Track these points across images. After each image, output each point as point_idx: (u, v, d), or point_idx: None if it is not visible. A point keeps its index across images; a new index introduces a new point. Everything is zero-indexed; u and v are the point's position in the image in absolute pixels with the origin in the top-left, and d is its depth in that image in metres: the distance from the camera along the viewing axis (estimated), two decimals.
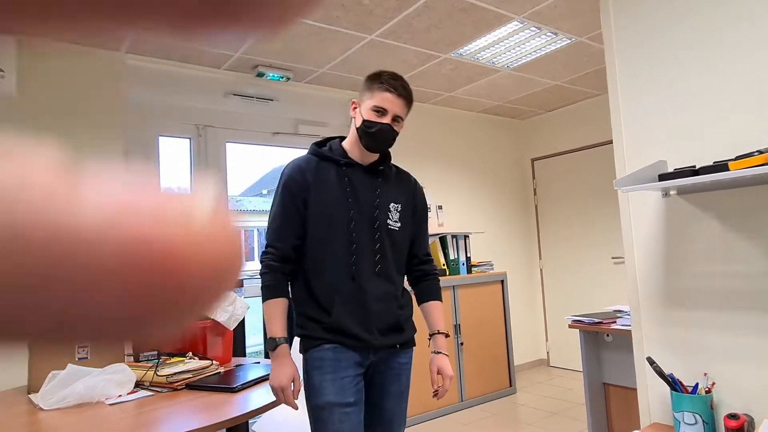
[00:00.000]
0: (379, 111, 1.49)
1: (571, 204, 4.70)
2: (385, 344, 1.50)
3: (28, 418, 1.44)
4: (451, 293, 3.73)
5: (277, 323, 1.46)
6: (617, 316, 2.42)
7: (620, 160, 1.83)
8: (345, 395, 1.43)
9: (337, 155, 1.54)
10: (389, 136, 1.51)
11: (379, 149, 1.54)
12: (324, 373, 1.44)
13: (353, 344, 1.47)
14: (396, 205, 1.57)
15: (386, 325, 1.51)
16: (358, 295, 1.47)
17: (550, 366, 4.85)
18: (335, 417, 1.42)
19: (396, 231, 1.56)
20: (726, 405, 1.56)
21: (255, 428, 2.18)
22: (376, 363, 1.53)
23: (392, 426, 1.56)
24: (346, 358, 1.46)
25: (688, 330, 1.65)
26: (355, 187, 1.52)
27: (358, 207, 1.50)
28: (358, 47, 3.10)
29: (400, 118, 1.52)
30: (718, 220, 1.59)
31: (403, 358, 1.58)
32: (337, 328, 1.45)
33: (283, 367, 1.43)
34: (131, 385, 1.65)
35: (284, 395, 1.41)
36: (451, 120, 4.59)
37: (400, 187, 1.61)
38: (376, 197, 1.54)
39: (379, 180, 1.57)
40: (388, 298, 1.52)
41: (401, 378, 1.57)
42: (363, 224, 1.50)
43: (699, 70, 1.63)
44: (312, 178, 1.50)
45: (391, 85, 1.49)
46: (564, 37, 3.13)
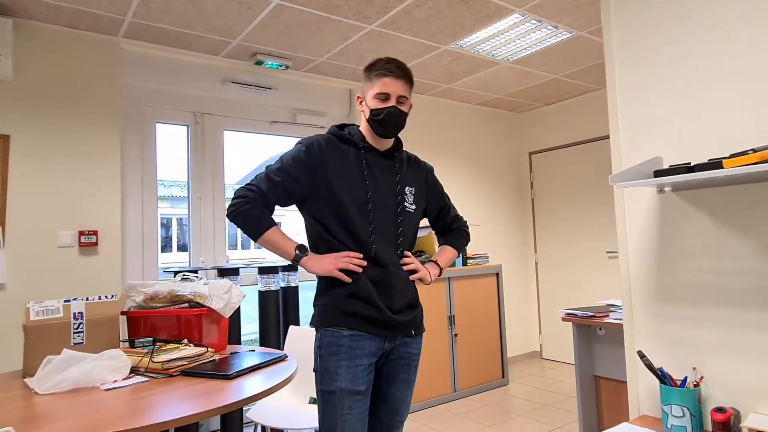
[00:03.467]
0: (383, 96, 1.52)
1: (567, 198, 4.72)
2: (404, 321, 1.54)
3: (23, 402, 1.45)
4: (446, 285, 3.75)
5: (288, 242, 1.52)
6: (610, 310, 2.45)
7: (617, 155, 1.84)
8: (357, 383, 1.46)
9: (357, 139, 1.58)
10: (398, 117, 1.54)
11: (392, 132, 1.57)
12: (340, 359, 1.46)
13: (377, 318, 1.48)
14: (411, 188, 1.63)
15: (405, 304, 1.56)
16: (381, 274, 1.51)
17: (543, 358, 4.90)
18: (345, 403, 1.44)
19: (412, 213, 1.62)
20: (713, 399, 1.58)
21: (249, 415, 2.20)
22: (389, 351, 1.56)
23: (398, 413, 1.58)
24: (362, 347, 1.48)
25: (678, 325, 1.67)
26: (372, 170, 1.56)
27: (376, 189, 1.54)
28: (357, 37, 3.08)
29: (404, 98, 1.55)
30: (710, 217, 1.60)
31: (414, 348, 1.60)
32: (362, 296, 1.49)
33: (319, 257, 1.50)
34: (126, 371, 1.66)
35: (344, 261, 1.47)
36: (449, 112, 4.58)
37: (413, 172, 1.67)
38: (396, 182, 1.59)
39: (396, 165, 1.62)
40: (408, 278, 1.58)
41: (410, 367, 1.59)
42: (382, 206, 1.54)
43: (697, 68, 1.63)
44: (330, 156, 1.53)
45: (387, 69, 1.52)
46: (564, 30, 3.13)
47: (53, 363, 1.59)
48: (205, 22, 2.80)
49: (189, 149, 3.32)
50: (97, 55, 2.88)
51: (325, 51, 3.28)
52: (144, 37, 2.96)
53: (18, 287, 2.58)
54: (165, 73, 3.17)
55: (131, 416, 1.27)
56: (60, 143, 2.75)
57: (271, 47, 3.19)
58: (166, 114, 3.22)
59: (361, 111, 1.60)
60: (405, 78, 1.55)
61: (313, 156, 1.51)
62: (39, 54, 2.72)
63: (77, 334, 1.83)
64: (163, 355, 1.75)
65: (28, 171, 2.65)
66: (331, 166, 1.51)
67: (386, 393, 1.57)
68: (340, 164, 1.52)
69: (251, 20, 2.81)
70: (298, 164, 1.51)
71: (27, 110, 2.67)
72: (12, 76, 2.61)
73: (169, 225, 14.30)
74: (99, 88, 2.88)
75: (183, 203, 8.84)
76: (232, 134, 3.51)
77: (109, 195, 2.87)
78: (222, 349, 2.11)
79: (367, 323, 1.49)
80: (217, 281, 2.18)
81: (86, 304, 1.88)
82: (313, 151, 1.51)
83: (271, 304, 3.19)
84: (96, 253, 2.81)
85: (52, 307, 1.82)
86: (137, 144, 3.09)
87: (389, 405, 1.57)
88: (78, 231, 2.76)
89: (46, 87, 2.73)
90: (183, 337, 2.00)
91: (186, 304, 2.05)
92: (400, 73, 1.53)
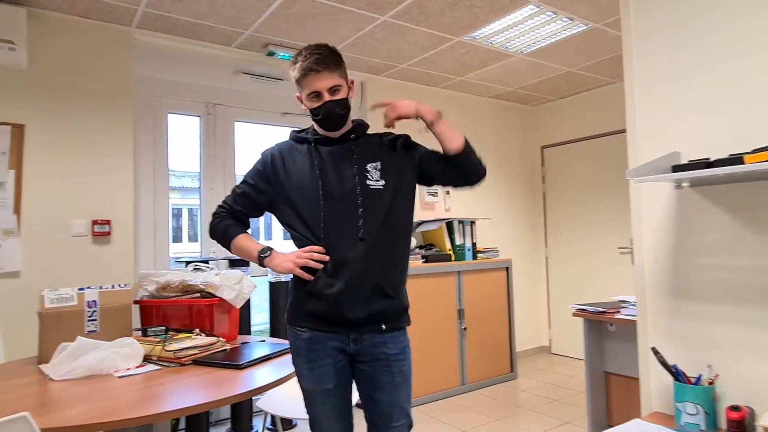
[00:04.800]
0: (314, 95, 1.47)
1: (579, 193, 4.67)
2: (361, 318, 1.43)
3: (38, 388, 1.47)
4: (456, 278, 3.74)
5: (253, 246, 1.55)
6: (621, 306, 2.43)
7: (633, 150, 1.81)
8: (323, 383, 1.46)
9: (310, 134, 1.58)
10: (336, 109, 1.47)
11: (338, 125, 1.51)
12: (302, 361, 1.48)
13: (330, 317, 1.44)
14: (374, 164, 1.51)
15: (367, 295, 1.44)
16: (338, 265, 1.44)
17: (552, 353, 4.88)
18: (317, 399, 1.47)
19: (380, 190, 1.49)
20: (728, 397, 1.56)
21: (259, 404, 2.22)
22: (359, 353, 1.47)
23: (392, 418, 1.47)
24: (322, 348, 1.45)
25: (693, 322, 1.65)
26: (325, 159, 1.51)
27: (327, 178, 1.49)
28: (370, 28, 3.06)
29: (336, 87, 1.46)
30: (729, 214, 1.57)
31: (391, 348, 1.46)
32: (316, 292, 1.44)
33: (282, 256, 1.51)
34: (139, 359, 1.68)
35: (303, 257, 1.45)
36: (461, 105, 4.55)
37: (376, 147, 1.56)
38: (354, 163, 1.50)
39: (352, 148, 1.53)
40: (371, 259, 1.44)
41: (391, 369, 1.46)
42: (336, 194, 1.47)
43: (718, 61, 1.60)
44: (283, 161, 1.55)
45: (305, 67, 1.43)
46: (580, 22, 3.08)
47: (67, 350, 1.61)
48: (218, 12, 2.79)
49: (201, 140, 3.33)
50: (111, 45, 2.89)
51: (338, 42, 3.26)
52: (157, 27, 2.96)
53: (33, 275, 2.61)
54: (177, 63, 3.18)
55: (144, 403, 1.29)
56: (73, 133, 2.77)
57: (283, 38, 3.18)
58: (178, 104, 3.23)
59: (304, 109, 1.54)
60: (326, 67, 1.44)
61: (267, 166, 1.56)
62: (53, 44, 2.73)
63: (91, 322, 1.85)
64: (175, 344, 1.76)
65: (43, 160, 2.68)
66: (284, 171, 1.54)
67: (373, 398, 1.48)
68: (292, 166, 1.53)
69: (263, 11, 2.79)
70: (258, 175, 1.57)
71: (41, 100, 2.69)
72: (27, 66, 2.63)
73: (180, 215, 14.41)
74: (112, 78, 2.89)
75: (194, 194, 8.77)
76: (243, 125, 3.52)
77: (121, 184, 2.89)
78: (233, 339, 2.12)
79: (324, 322, 1.45)
80: (228, 272, 2.19)
81: (100, 293, 1.90)
82: (267, 162, 1.56)
83: (281, 295, 3.20)
84: (109, 242, 2.83)
85: (67, 295, 1.84)
86: (149, 134, 3.11)
87: (380, 410, 1.47)
88: (91, 220, 2.78)
89: (60, 77, 2.75)
90: (195, 326, 2.02)
91: (198, 294, 2.07)
92: (319, 65, 1.43)
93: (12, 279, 2.55)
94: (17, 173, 2.60)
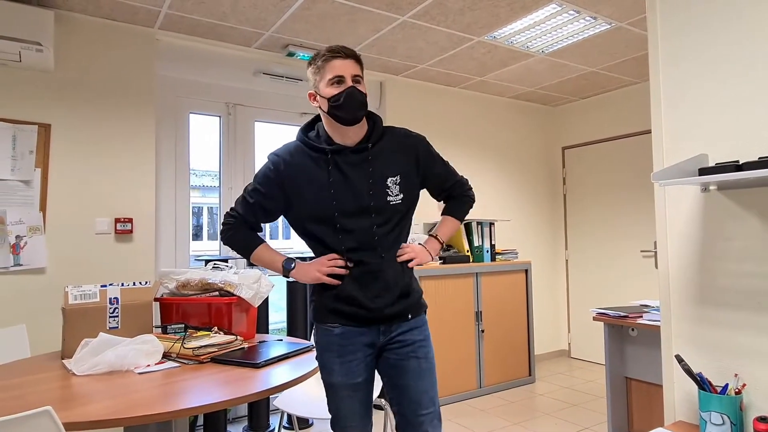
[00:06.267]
0: (337, 80, 1.45)
1: (601, 195, 4.59)
2: (393, 312, 1.50)
3: (61, 383, 1.50)
4: (474, 280, 3.71)
5: (276, 257, 1.56)
6: (644, 311, 2.38)
7: (659, 152, 1.77)
8: (352, 377, 1.49)
9: (324, 141, 1.51)
10: (358, 97, 1.44)
11: (358, 114, 1.47)
12: (333, 356, 1.50)
13: (364, 315, 1.48)
14: (394, 178, 1.52)
15: (394, 297, 1.51)
16: (364, 273, 1.49)
17: (571, 357, 4.81)
18: (344, 393, 1.49)
19: (399, 203, 1.52)
20: (756, 407, 1.51)
21: (276, 403, 2.23)
22: (388, 342, 1.52)
23: (421, 404, 1.50)
24: (353, 342, 1.49)
25: (719, 329, 1.60)
26: (344, 173, 1.49)
27: (350, 193, 1.48)
28: (389, 28, 3.05)
29: (358, 77, 1.47)
30: (759, 219, 1.52)
31: (417, 334, 1.54)
32: (344, 297, 1.49)
33: (306, 266, 1.52)
34: (159, 356, 1.70)
35: (328, 266, 1.49)
36: (481, 105, 4.51)
37: (396, 156, 1.54)
38: (369, 180, 1.49)
39: (369, 159, 1.50)
40: (388, 266, 1.51)
41: (418, 354, 1.52)
42: (358, 209, 1.48)
43: (748, 61, 1.55)
44: (296, 171, 1.50)
45: (333, 52, 1.45)
46: (603, 21, 3.02)
47: (90, 346, 1.64)
48: (239, 13, 2.82)
49: (221, 139, 3.36)
50: (134, 46, 2.94)
51: (357, 43, 3.26)
52: (179, 28, 3.00)
53: (57, 272, 2.67)
54: (199, 64, 3.22)
55: (163, 400, 1.30)
56: (98, 132, 2.82)
57: (303, 39, 3.19)
58: (200, 105, 3.27)
59: (317, 107, 1.51)
60: (353, 57, 1.47)
61: (281, 173, 1.50)
62: (79, 45, 2.79)
63: (113, 319, 1.88)
64: (194, 341, 1.78)
65: (68, 159, 2.73)
66: (300, 180, 1.49)
67: (401, 384, 1.52)
68: (308, 176, 1.49)
69: (284, 11, 2.81)
70: (269, 182, 1.52)
71: (67, 100, 2.75)
72: (53, 67, 2.69)
73: (200, 214, 14.61)
74: (135, 79, 2.94)
75: (213, 192, 8.88)
76: (263, 125, 3.54)
77: (143, 184, 2.93)
78: (250, 338, 2.13)
79: (354, 320, 1.50)
80: (246, 271, 2.20)
81: (121, 290, 1.93)
82: (279, 168, 1.50)
83: (298, 295, 3.22)
84: (131, 240, 2.88)
85: (90, 291, 1.87)
86: (171, 134, 3.15)
87: (408, 397, 1.50)
88: (114, 218, 2.83)
89: (85, 77, 2.80)
90: (213, 324, 2.04)
91: (216, 293, 2.09)
92: (348, 52, 1.46)
93: (38, 275, 2.62)
94: (43, 172, 2.66)
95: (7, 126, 2.58)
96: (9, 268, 2.53)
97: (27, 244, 2.58)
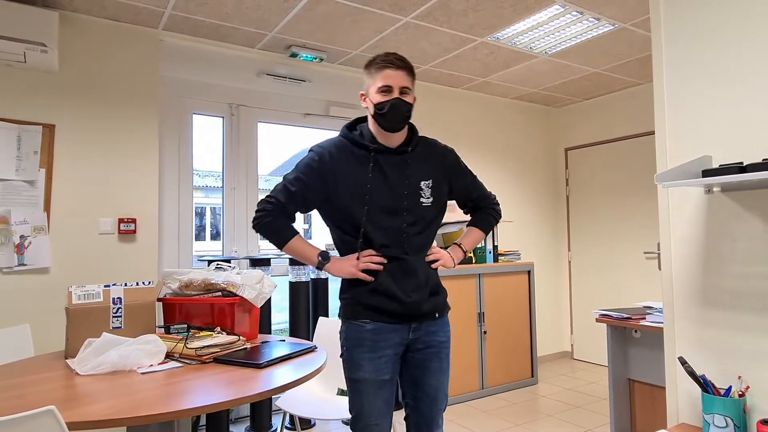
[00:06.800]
0: (385, 89, 1.52)
1: (604, 196, 4.58)
2: (426, 309, 1.57)
3: (65, 382, 1.50)
4: (476, 281, 3.71)
5: (311, 250, 1.59)
6: (647, 313, 2.37)
7: (662, 153, 1.76)
8: (381, 373, 1.53)
9: (368, 140, 1.59)
10: (403, 108, 1.53)
11: (398, 126, 1.56)
12: (364, 351, 1.53)
13: (398, 311, 1.53)
14: (427, 182, 1.61)
15: (426, 293, 1.58)
16: (399, 268, 1.55)
17: (574, 359, 4.80)
18: (370, 390, 1.52)
19: (429, 206, 1.60)
20: (759, 410, 1.51)
21: (278, 403, 2.23)
22: (414, 341, 1.58)
23: (436, 401, 1.61)
24: (384, 339, 1.54)
25: (723, 331, 1.60)
26: (384, 172, 1.56)
27: (388, 191, 1.55)
28: (392, 29, 3.06)
29: (407, 89, 1.54)
30: (762, 220, 1.52)
31: (441, 335, 1.62)
32: (381, 291, 1.53)
33: (341, 261, 1.56)
34: (162, 356, 1.70)
35: (364, 261, 1.53)
36: (484, 106, 4.51)
37: (429, 162, 1.64)
38: (410, 180, 1.58)
39: (408, 162, 1.60)
40: (420, 264, 1.58)
41: (441, 356, 1.62)
42: (395, 208, 1.55)
43: (751, 63, 1.54)
44: (340, 164, 1.55)
45: (387, 61, 1.53)
46: (607, 22, 3.02)
47: (93, 345, 1.65)
48: (242, 14, 2.82)
49: (224, 140, 3.37)
50: (138, 47, 2.95)
51: (360, 43, 3.27)
52: (183, 29, 3.01)
53: (61, 271, 2.68)
54: (202, 65, 3.23)
55: (166, 400, 1.30)
56: (102, 133, 2.83)
57: (306, 39, 3.20)
58: (203, 105, 3.28)
59: (366, 108, 1.60)
60: (406, 69, 1.54)
61: (325, 164, 1.55)
62: (83, 46, 2.80)
63: (116, 319, 1.89)
64: (196, 341, 1.78)
65: (72, 160, 2.75)
66: (341, 174, 1.55)
67: (422, 382, 1.60)
68: (349, 171, 1.55)
69: (287, 12, 2.81)
70: (312, 173, 1.56)
71: (71, 101, 2.76)
72: (58, 68, 2.70)
73: (203, 214, 14.65)
74: (139, 80, 2.95)
75: (216, 193, 8.99)
76: (266, 126, 3.55)
77: (147, 184, 2.94)
78: (253, 338, 2.14)
79: (389, 315, 1.54)
80: (249, 271, 2.21)
81: (125, 290, 1.93)
82: (324, 160, 1.55)
83: (301, 295, 3.22)
84: (134, 240, 2.89)
85: (93, 291, 1.88)
86: (174, 134, 3.16)
87: (427, 394, 1.60)
88: (117, 218, 2.84)
89: (90, 78, 2.81)
90: (216, 324, 2.04)
91: (219, 293, 2.09)
92: (401, 64, 1.53)
93: (42, 275, 2.63)
94: (47, 172, 2.67)
95: (12, 126, 2.59)
96: (13, 268, 2.55)
97: (31, 244, 2.59)
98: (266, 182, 5.13)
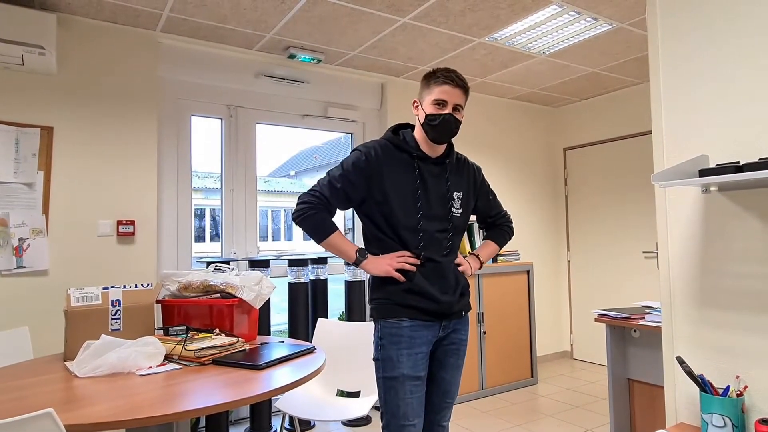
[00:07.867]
0: (440, 103, 1.61)
1: (602, 195, 4.59)
2: (455, 309, 1.67)
3: (64, 384, 1.50)
4: (475, 282, 3.71)
5: (349, 246, 1.64)
6: (646, 312, 2.37)
7: (659, 153, 1.77)
8: (417, 369, 1.58)
9: (411, 147, 1.66)
10: (452, 125, 1.62)
11: (445, 139, 1.65)
12: (401, 348, 1.58)
13: (434, 309, 1.61)
14: (459, 193, 1.72)
15: (458, 293, 1.69)
16: (433, 269, 1.63)
17: (573, 358, 4.80)
18: (407, 388, 1.57)
19: (458, 217, 1.71)
20: (757, 409, 1.51)
21: (277, 405, 2.23)
22: (442, 339, 1.67)
23: (448, 395, 1.69)
24: (420, 336, 1.60)
25: (721, 331, 1.60)
26: (425, 178, 1.65)
27: (427, 198, 1.65)
28: (390, 30, 3.06)
29: (459, 107, 1.63)
30: (760, 220, 1.52)
31: (463, 334, 1.73)
32: (417, 291, 1.60)
33: (377, 259, 1.62)
34: (161, 358, 1.70)
35: (399, 261, 1.59)
36: (482, 106, 4.51)
37: (461, 176, 1.76)
38: (446, 190, 1.69)
39: (447, 173, 1.70)
40: (456, 274, 1.70)
41: (459, 352, 1.71)
42: (431, 215, 1.64)
43: (748, 61, 1.55)
44: (385, 165, 1.62)
45: (447, 78, 1.60)
46: (604, 22, 3.02)
47: (92, 348, 1.65)
48: (240, 15, 2.83)
49: (222, 142, 3.37)
50: (136, 49, 2.95)
51: (358, 44, 3.27)
52: (180, 31, 3.01)
53: (60, 273, 2.68)
54: (200, 66, 3.23)
55: (165, 402, 1.30)
56: (100, 135, 2.84)
57: (304, 41, 3.20)
58: (201, 107, 3.28)
59: (416, 115, 1.68)
60: (462, 88, 1.63)
61: (371, 163, 1.61)
62: (81, 48, 2.80)
63: (115, 321, 1.89)
64: (195, 343, 1.78)
65: (70, 162, 2.75)
66: (386, 175, 1.61)
67: (437, 376, 1.68)
68: (394, 173, 1.62)
69: (285, 13, 2.82)
70: (358, 171, 1.61)
71: (69, 103, 2.76)
72: (56, 70, 2.70)
73: (202, 215, 14.64)
74: (137, 82, 2.95)
75: (215, 194, 8.99)
76: (264, 127, 3.55)
77: (145, 186, 2.94)
78: (252, 340, 2.14)
79: (425, 313, 1.61)
80: (248, 273, 2.21)
81: (123, 292, 1.93)
82: (371, 159, 1.62)
83: (300, 296, 3.22)
84: (133, 242, 2.89)
85: (92, 293, 1.88)
86: (173, 136, 3.16)
87: (440, 387, 1.68)
88: (116, 220, 2.84)
89: (88, 80, 2.82)
90: (215, 326, 2.04)
91: (218, 295, 2.09)
92: (459, 82, 1.62)
93: (40, 277, 2.63)
94: (46, 174, 2.67)
95: (10, 129, 2.59)
96: (12, 271, 2.54)
97: (30, 246, 2.59)
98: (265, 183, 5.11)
